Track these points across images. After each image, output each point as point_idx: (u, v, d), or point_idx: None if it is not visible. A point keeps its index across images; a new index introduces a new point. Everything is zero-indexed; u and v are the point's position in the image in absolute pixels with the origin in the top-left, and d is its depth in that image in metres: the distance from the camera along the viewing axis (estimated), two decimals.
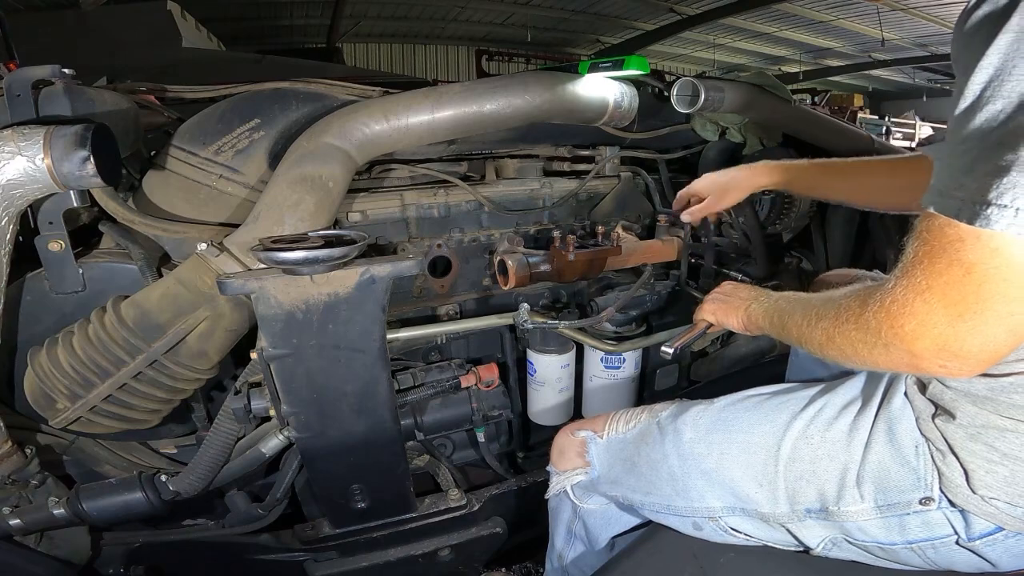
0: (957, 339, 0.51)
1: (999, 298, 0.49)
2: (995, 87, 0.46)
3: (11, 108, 0.87)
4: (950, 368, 0.54)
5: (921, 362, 0.54)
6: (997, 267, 0.48)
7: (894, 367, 0.58)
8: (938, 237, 0.50)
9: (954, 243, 0.49)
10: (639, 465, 0.87)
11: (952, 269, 0.50)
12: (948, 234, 0.50)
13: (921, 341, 0.53)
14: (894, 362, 0.57)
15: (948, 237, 0.50)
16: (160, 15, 2.62)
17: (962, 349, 0.51)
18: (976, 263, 0.48)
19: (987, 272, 0.48)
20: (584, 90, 1.20)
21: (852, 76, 14.46)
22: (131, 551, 1.17)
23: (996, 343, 0.51)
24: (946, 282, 0.50)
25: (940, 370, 0.54)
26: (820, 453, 0.73)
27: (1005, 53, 0.46)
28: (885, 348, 0.56)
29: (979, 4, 0.48)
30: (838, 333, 0.62)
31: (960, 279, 0.49)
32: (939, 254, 0.50)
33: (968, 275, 0.49)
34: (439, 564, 1.23)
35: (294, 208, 0.93)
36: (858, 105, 13.59)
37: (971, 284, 0.49)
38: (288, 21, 9.54)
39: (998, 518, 0.62)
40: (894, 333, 0.54)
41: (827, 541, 0.75)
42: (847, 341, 0.61)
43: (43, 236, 0.92)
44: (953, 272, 0.50)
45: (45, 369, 0.92)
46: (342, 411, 0.98)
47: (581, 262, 1.27)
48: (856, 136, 1.62)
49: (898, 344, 0.55)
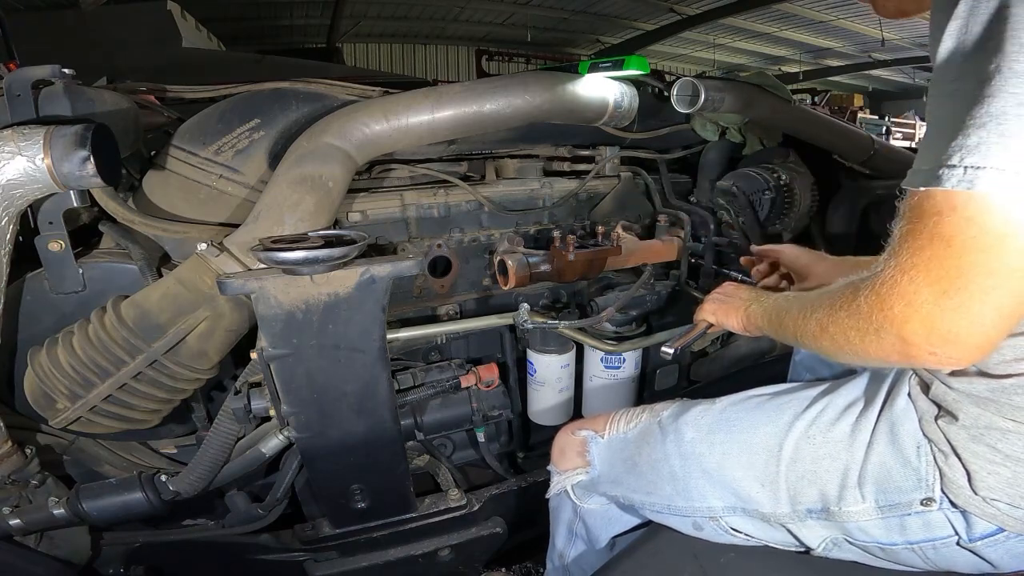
0: (944, 319, 0.51)
1: (979, 270, 0.48)
2: (949, 69, 0.50)
3: (11, 108, 0.87)
4: (940, 356, 0.53)
5: (911, 348, 0.54)
6: (974, 237, 0.48)
7: (885, 356, 0.57)
8: (918, 214, 0.51)
9: (932, 216, 0.50)
10: (640, 465, 0.87)
11: (934, 244, 0.50)
12: (926, 208, 0.50)
13: (910, 323, 0.52)
14: (885, 350, 0.56)
15: (926, 211, 0.50)
16: (160, 15, 2.62)
17: (950, 331, 0.51)
18: (955, 235, 0.49)
19: (965, 243, 0.48)
20: (584, 90, 1.20)
21: (852, 76, 14.45)
22: (131, 551, 1.17)
23: (984, 324, 0.50)
24: (929, 257, 0.50)
25: (931, 358, 0.53)
26: (822, 453, 0.73)
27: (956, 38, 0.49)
28: (876, 334, 0.56)
29: None
30: (831, 322, 0.62)
31: (941, 253, 0.49)
32: (920, 230, 0.51)
33: (948, 248, 0.49)
34: (439, 564, 1.23)
35: (294, 208, 0.93)
36: (858, 105, 13.58)
37: (951, 257, 0.49)
38: (288, 21, 9.54)
39: (999, 519, 0.62)
40: (884, 316, 0.54)
41: (828, 541, 0.75)
42: (839, 330, 0.61)
43: (43, 236, 0.92)
44: (935, 247, 0.50)
45: (45, 369, 0.92)
46: (342, 411, 0.98)
47: (581, 262, 1.27)
48: (856, 136, 1.62)
49: (888, 328, 0.54)
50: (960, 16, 0.49)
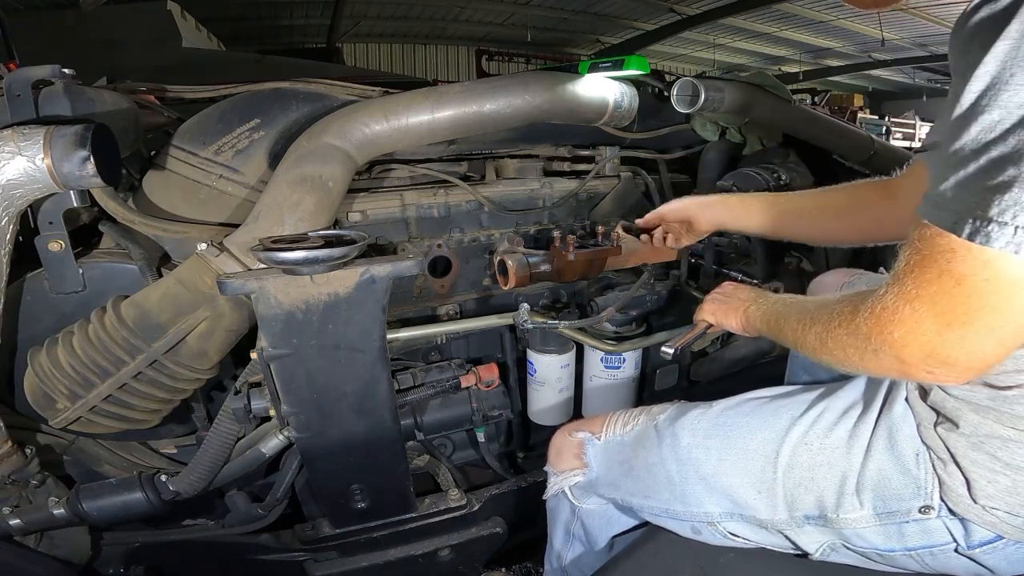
0: (944, 348, 0.51)
1: (988, 310, 0.48)
2: (992, 96, 0.45)
3: (11, 108, 0.87)
4: (937, 375, 0.54)
5: (909, 368, 0.55)
6: (987, 280, 0.47)
7: (884, 372, 0.60)
8: (929, 247, 0.50)
9: (945, 253, 0.49)
10: (636, 468, 0.87)
11: (942, 279, 0.49)
12: (939, 244, 0.49)
13: (909, 348, 0.53)
14: (884, 367, 0.58)
15: (940, 247, 0.49)
16: (160, 15, 2.62)
17: (949, 357, 0.52)
18: (967, 275, 0.48)
19: (977, 284, 0.48)
20: (584, 90, 1.20)
21: (852, 76, 14.46)
22: (131, 551, 1.17)
23: (984, 353, 0.51)
24: (936, 291, 0.50)
25: (928, 376, 0.54)
26: (819, 460, 0.73)
27: (1003, 60, 0.44)
28: (875, 354, 0.57)
29: (978, 8, 0.48)
30: (831, 338, 0.62)
31: (950, 290, 0.49)
32: (930, 264, 0.50)
33: (958, 286, 0.49)
34: (439, 564, 1.23)
35: (294, 208, 0.93)
36: (858, 105, 13.58)
37: (960, 295, 0.49)
38: (288, 21, 9.54)
39: (998, 527, 0.62)
40: (883, 339, 0.55)
41: (825, 547, 0.75)
42: (839, 346, 0.61)
43: (43, 236, 0.92)
44: (943, 282, 0.49)
45: (45, 369, 0.92)
46: (342, 411, 0.98)
47: (581, 262, 1.27)
48: (856, 136, 1.62)
49: (887, 350, 0.55)
50: (1012, 37, 0.44)
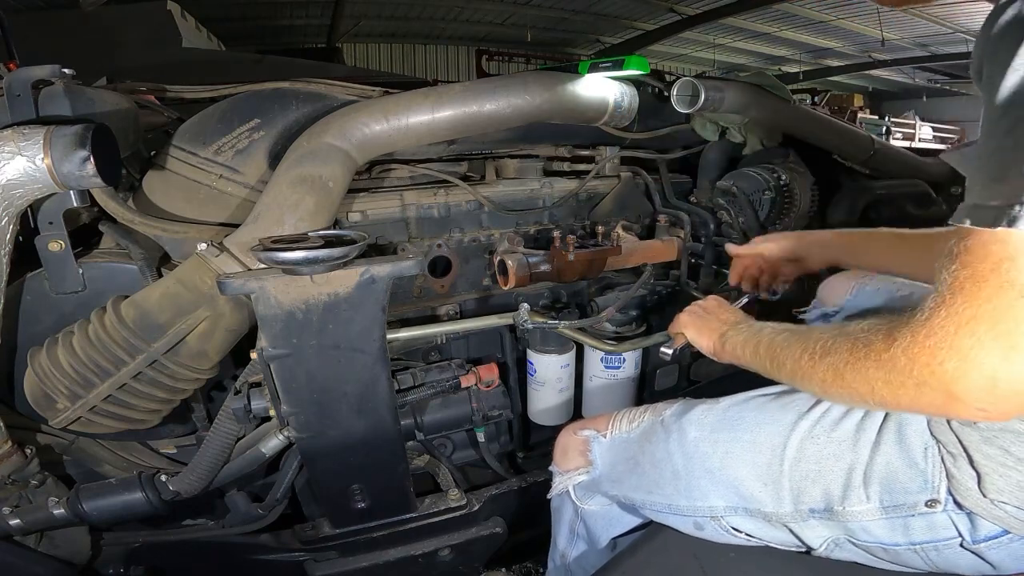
0: (1011, 376, 0.44)
1: None
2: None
3: (11, 108, 0.87)
4: (990, 412, 0.48)
5: (958, 404, 0.48)
6: None
7: (920, 408, 0.53)
8: (982, 258, 0.45)
9: (1003, 263, 0.44)
10: (642, 464, 0.87)
11: (1003, 293, 0.43)
12: (994, 253, 0.44)
13: (964, 381, 0.46)
14: (923, 403, 0.51)
15: (994, 256, 0.44)
16: (160, 15, 2.62)
17: (1012, 389, 0.45)
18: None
19: None
20: (584, 90, 1.20)
21: (852, 76, 14.45)
22: (131, 551, 1.16)
23: None
24: (995, 308, 0.44)
25: (978, 414, 0.48)
26: (826, 453, 0.72)
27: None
28: (917, 388, 0.50)
29: (1006, 6, 0.47)
30: (850, 370, 0.57)
31: (1011, 304, 0.43)
32: (986, 277, 0.44)
33: (1022, 298, 0.43)
34: (439, 564, 1.23)
35: (294, 208, 0.93)
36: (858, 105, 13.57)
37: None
38: (288, 21, 9.54)
39: (1006, 522, 0.62)
40: (931, 372, 0.48)
41: (829, 542, 0.75)
42: (863, 379, 0.56)
43: (43, 236, 0.92)
44: (1004, 297, 0.43)
45: (45, 369, 0.92)
46: (342, 411, 0.98)
47: (581, 262, 1.27)
48: (856, 136, 1.62)
49: (935, 384, 0.48)
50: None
